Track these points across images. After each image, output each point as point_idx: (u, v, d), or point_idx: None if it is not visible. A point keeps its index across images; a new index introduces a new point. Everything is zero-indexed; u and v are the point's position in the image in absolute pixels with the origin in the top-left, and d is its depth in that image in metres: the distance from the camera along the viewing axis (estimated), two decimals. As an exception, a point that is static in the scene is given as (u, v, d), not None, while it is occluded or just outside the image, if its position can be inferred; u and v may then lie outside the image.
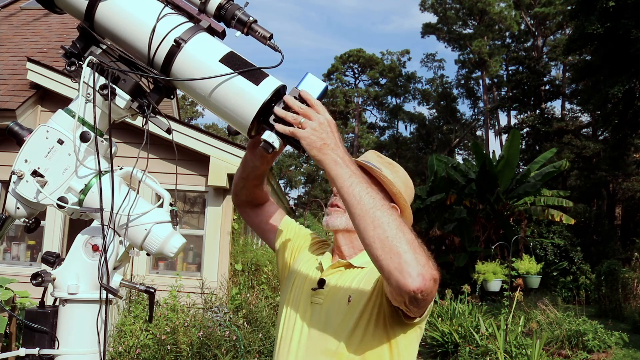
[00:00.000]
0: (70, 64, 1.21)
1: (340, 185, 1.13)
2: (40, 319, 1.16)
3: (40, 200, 1.17)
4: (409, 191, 1.47)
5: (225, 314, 5.63)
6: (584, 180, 24.26)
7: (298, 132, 1.14)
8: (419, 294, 1.05)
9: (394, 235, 1.07)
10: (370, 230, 1.08)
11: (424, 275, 1.04)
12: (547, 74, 29.72)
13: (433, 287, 1.08)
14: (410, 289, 1.04)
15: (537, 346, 5.67)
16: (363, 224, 1.10)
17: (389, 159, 1.51)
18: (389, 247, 1.06)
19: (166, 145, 2.64)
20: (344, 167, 1.13)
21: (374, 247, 1.08)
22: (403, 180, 1.47)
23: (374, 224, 1.08)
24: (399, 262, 1.05)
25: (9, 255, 7.06)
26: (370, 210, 1.09)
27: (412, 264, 1.04)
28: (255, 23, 1.22)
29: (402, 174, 1.48)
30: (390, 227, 1.07)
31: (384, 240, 1.07)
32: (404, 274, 1.04)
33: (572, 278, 15.02)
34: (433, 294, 1.11)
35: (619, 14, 13.48)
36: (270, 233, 1.65)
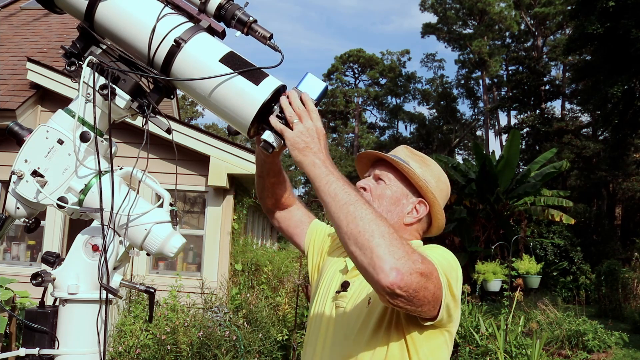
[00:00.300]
0: (70, 64, 1.21)
1: (317, 185, 1.13)
2: (40, 319, 1.16)
3: (40, 200, 1.17)
4: (441, 185, 1.40)
5: (225, 314, 5.63)
6: (584, 180, 24.26)
7: (286, 131, 1.16)
8: (397, 289, 0.99)
9: (366, 229, 1.03)
10: (343, 226, 1.06)
11: (400, 268, 0.99)
12: (547, 74, 29.73)
13: (418, 281, 1.01)
14: (383, 285, 0.99)
15: (537, 346, 5.67)
16: (337, 221, 1.07)
17: (421, 154, 1.45)
18: (362, 241, 1.02)
19: (166, 145, 2.64)
20: (322, 168, 1.13)
21: (348, 243, 1.05)
22: (435, 175, 1.40)
23: (347, 219, 1.05)
24: (371, 256, 1.00)
25: (9, 255, 7.06)
26: (344, 205, 1.07)
27: (385, 258, 0.99)
28: (255, 23, 1.22)
29: (435, 168, 1.42)
30: (363, 221, 1.04)
31: (356, 235, 1.03)
32: (377, 269, 0.99)
33: (572, 278, 15.01)
34: (420, 290, 1.03)
35: (619, 14, 13.47)
36: (299, 237, 1.62)
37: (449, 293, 1.14)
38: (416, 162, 1.40)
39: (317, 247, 1.60)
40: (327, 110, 39.09)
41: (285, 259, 7.89)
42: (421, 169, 1.38)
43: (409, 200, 1.38)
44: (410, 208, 1.37)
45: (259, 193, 1.58)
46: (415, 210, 1.38)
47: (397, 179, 1.38)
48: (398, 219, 1.37)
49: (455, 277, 1.19)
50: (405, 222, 1.37)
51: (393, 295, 1.01)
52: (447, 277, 1.14)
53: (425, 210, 1.38)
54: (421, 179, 1.35)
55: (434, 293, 1.08)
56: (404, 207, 1.37)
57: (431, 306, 1.10)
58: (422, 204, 1.38)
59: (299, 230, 1.62)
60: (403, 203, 1.37)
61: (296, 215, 1.63)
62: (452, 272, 1.18)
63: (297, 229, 1.62)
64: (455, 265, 1.23)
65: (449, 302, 1.14)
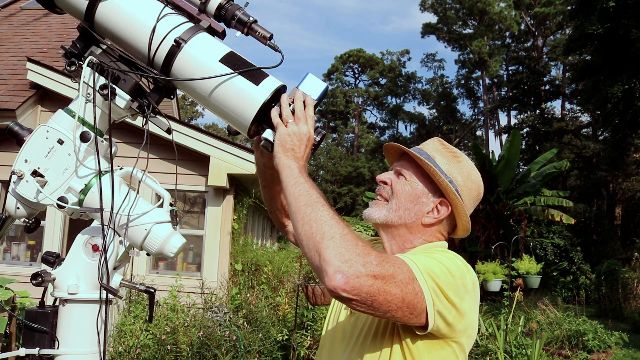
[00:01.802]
0: (70, 64, 1.21)
1: (285, 185, 1.12)
2: (40, 319, 1.16)
3: (40, 200, 1.17)
4: (470, 184, 1.28)
5: (225, 314, 5.63)
6: (584, 180, 24.27)
7: (280, 126, 1.16)
8: (341, 292, 0.95)
9: (318, 231, 1.00)
10: (299, 226, 1.04)
11: (345, 271, 0.94)
12: (547, 74, 29.74)
13: (370, 284, 0.96)
14: (328, 287, 0.96)
15: (537, 346, 5.67)
16: (295, 222, 1.05)
17: (454, 149, 1.32)
18: (313, 243, 1.00)
19: (166, 145, 2.64)
20: (295, 171, 1.13)
21: (302, 244, 1.02)
22: (464, 173, 1.28)
23: (303, 220, 1.03)
24: (319, 259, 0.98)
25: (9, 255, 7.06)
26: (303, 206, 1.05)
27: (330, 261, 0.95)
28: (255, 23, 1.22)
29: (465, 165, 1.29)
30: (317, 223, 1.01)
31: (309, 236, 1.01)
32: (322, 272, 0.97)
33: (572, 278, 15.02)
34: (378, 294, 0.97)
35: (619, 14, 13.48)
36: None
37: (442, 299, 1.08)
38: (444, 158, 1.28)
39: None
40: (327, 110, 39.11)
41: (285, 259, 7.89)
42: (448, 165, 1.27)
43: (429, 199, 1.27)
44: (430, 207, 1.27)
45: (269, 207, 1.55)
46: (436, 210, 1.27)
47: (419, 175, 1.28)
48: (416, 218, 1.27)
49: (453, 284, 1.10)
50: (424, 222, 1.27)
51: (341, 298, 0.97)
52: (435, 282, 1.07)
53: (446, 211, 1.27)
54: (442, 178, 1.24)
55: (403, 298, 1.01)
56: (424, 205, 1.27)
57: (404, 313, 1.03)
58: (443, 204, 1.27)
59: None
60: (423, 202, 1.27)
61: None
62: (446, 278, 1.10)
63: None
64: (457, 272, 1.14)
65: (441, 309, 1.07)
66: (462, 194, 1.27)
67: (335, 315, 1.39)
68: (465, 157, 1.32)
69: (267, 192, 1.50)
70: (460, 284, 1.12)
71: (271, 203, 1.52)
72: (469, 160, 1.32)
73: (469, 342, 1.21)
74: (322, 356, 1.39)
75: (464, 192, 1.27)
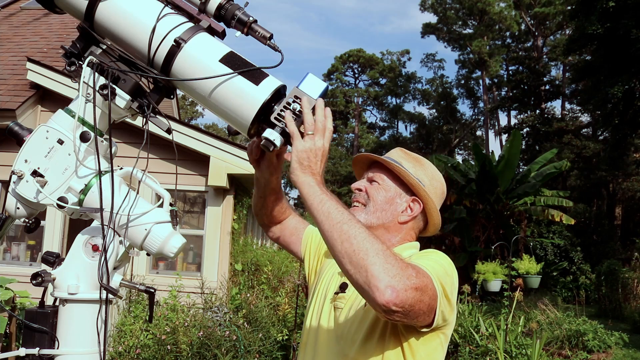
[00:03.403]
0: (70, 64, 1.21)
1: (310, 203, 1.14)
2: (40, 319, 1.16)
3: (40, 200, 1.17)
4: (435, 184, 1.42)
5: (225, 314, 5.63)
6: (584, 180, 24.26)
7: (298, 140, 1.17)
8: (392, 306, 1.00)
9: (361, 248, 1.04)
10: (338, 244, 1.07)
11: (395, 286, 1.00)
12: (547, 74, 29.74)
13: (413, 296, 1.03)
14: (379, 303, 1.00)
15: (537, 346, 5.67)
16: (332, 240, 1.08)
17: (415, 155, 1.47)
18: (356, 260, 1.03)
19: (166, 145, 2.64)
20: (316, 188, 1.15)
21: (343, 262, 1.06)
22: (428, 174, 1.43)
23: (341, 238, 1.07)
24: (366, 275, 1.01)
25: (9, 255, 7.06)
26: (338, 224, 1.08)
27: (380, 277, 1.00)
28: (255, 23, 1.22)
29: (428, 168, 1.44)
30: (357, 240, 1.05)
31: (351, 254, 1.04)
32: (372, 288, 1.01)
33: (572, 278, 15.01)
34: (416, 304, 1.05)
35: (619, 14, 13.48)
36: (295, 245, 1.64)
37: (445, 300, 1.16)
38: (409, 162, 1.42)
39: (313, 251, 1.61)
40: (327, 110, 39.03)
41: (285, 259, 7.89)
42: (414, 168, 1.41)
43: (402, 199, 1.39)
44: (404, 206, 1.39)
45: (256, 210, 1.61)
46: (410, 209, 1.39)
47: (391, 179, 1.41)
48: (392, 218, 1.39)
49: (450, 284, 1.20)
50: (399, 220, 1.39)
51: (390, 312, 1.02)
52: (442, 285, 1.15)
53: (419, 208, 1.39)
54: (412, 177, 1.38)
55: (429, 304, 1.10)
56: (398, 205, 1.39)
57: (426, 316, 1.12)
58: (415, 202, 1.39)
59: (295, 237, 1.64)
60: (397, 202, 1.39)
61: (290, 224, 1.65)
62: (447, 279, 1.19)
63: (292, 237, 1.64)
64: (451, 271, 1.24)
65: (444, 308, 1.16)
66: (430, 193, 1.40)
67: (317, 312, 1.42)
68: (427, 161, 1.46)
69: (260, 202, 1.57)
70: (452, 283, 1.22)
71: (261, 209, 1.59)
72: (430, 163, 1.46)
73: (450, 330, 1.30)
74: (306, 352, 1.41)
75: (431, 190, 1.40)
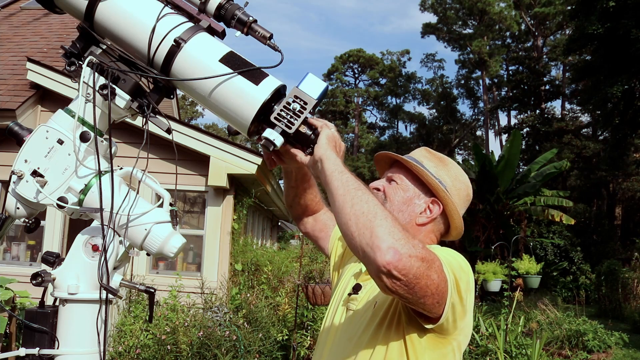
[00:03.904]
0: (70, 64, 1.21)
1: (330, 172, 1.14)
2: (40, 319, 1.16)
3: (40, 200, 1.17)
4: (458, 185, 1.35)
5: (225, 314, 5.63)
6: (584, 180, 24.27)
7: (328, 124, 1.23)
8: (393, 270, 0.95)
9: (370, 211, 1.02)
10: (347, 207, 1.05)
11: (397, 248, 0.96)
12: (547, 74, 29.75)
13: (418, 266, 0.97)
14: (379, 264, 0.96)
15: (537, 346, 5.67)
16: (343, 204, 1.07)
17: (441, 155, 1.41)
18: (363, 222, 1.01)
19: (166, 145, 2.64)
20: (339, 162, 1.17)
21: (349, 224, 1.04)
22: (452, 174, 1.36)
23: (352, 201, 1.05)
24: (370, 236, 0.99)
25: (9, 255, 7.06)
26: (352, 190, 1.08)
27: (384, 237, 0.97)
28: (255, 23, 1.22)
29: (453, 168, 1.38)
30: (369, 204, 1.04)
31: (359, 215, 1.02)
32: (374, 248, 0.97)
33: (572, 278, 15.02)
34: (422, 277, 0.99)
35: (619, 14, 13.48)
36: (323, 241, 1.63)
37: (456, 292, 1.10)
38: (431, 162, 1.36)
39: (339, 250, 1.59)
40: (327, 110, 39.09)
41: (285, 259, 7.89)
42: (436, 168, 1.35)
43: (421, 200, 1.34)
44: (423, 208, 1.34)
45: (289, 202, 1.61)
46: (429, 210, 1.34)
47: (410, 179, 1.36)
48: (410, 219, 1.33)
49: (465, 281, 1.14)
50: (417, 222, 1.33)
51: (391, 277, 0.97)
52: (455, 276, 1.10)
53: (438, 210, 1.33)
54: (431, 177, 1.32)
55: (438, 285, 1.03)
56: (416, 207, 1.34)
57: (435, 300, 1.05)
58: (435, 203, 1.33)
59: (324, 234, 1.63)
60: (415, 203, 1.34)
61: (322, 219, 1.64)
62: (461, 273, 1.14)
63: (322, 233, 1.63)
64: (467, 268, 1.18)
65: (455, 301, 1.10)
66: (452, 194, 1.33)
67: (332, 313, 1.41)
68: (452, 161, 1.40)
69: (292, 192, 1.57)
70: (466, 280, 1.16)
71: (293, 200, 1.59)
72: (455, 164, 1.40)
73: (465, 342, 1.23)
74: (317, 353, 1.40)
75: (453, 192, 1.34)
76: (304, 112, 1.18)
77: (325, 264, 5.93)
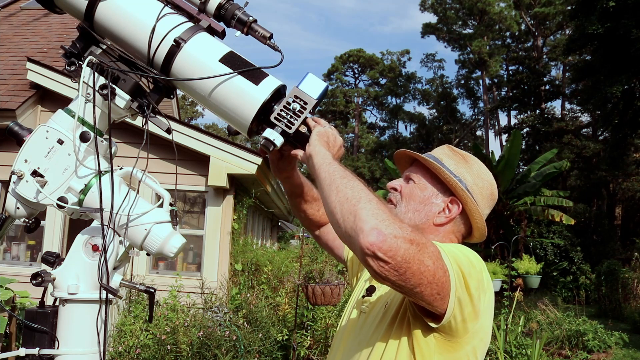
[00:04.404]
0: (70, 64, 1.21)
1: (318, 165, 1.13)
2: (40, 319, 1.16)
3: (40, 200, 1.17)
4: (481, 183, 1.28)
5: (225, 314, 5.62)
6: (584, 180, 24.27)
7: (321, 121, 1.24)
8: (377, 251, 0.90)
9: (355, 196, 1.00)
10: (333, 195, 1.04)
11: (381, 229, 0.92)
12: (547, 74, 29.75)
13: (406, 248, 0.92)
14: (362, 245, 0.92)
15: (537, 346, 5.67)
16: (328, 193, 1.06)
17: (464, 152, 1.34)
18: (347, 207, 0.99)
19: (166, 145, 2.64)
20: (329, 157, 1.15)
21: (335, 212, 1.02)
22: (474, 172, 1.29)
23: (338, 189, 1.04)
24: (354, 219, 0.96)
25: (9, 255, 7.05)
26: (337, 178, 1.06)
27: (367, 219, 0.94)
28: (255, 23, 1.22)
29: (475, 166, 1.31)
30: (354, 190, 1.02)
31: (343, 202, 1.00)
32: (357, 231, 0.94)
33: (572, 278, 15.02)
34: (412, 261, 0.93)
35: (619, 14, 13.48)
36: (338, 250, 1.61)
37: (464, 289, 1.04)
38: (452, 160, 1.30)
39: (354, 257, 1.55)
40: (327, 110, 39.10)
41: (285, 259, 7.89)
42: (456, 165, 1.28)
43: (439, 199, 1.28)
44: (441, 207, 1.27)
45: (297, 214, 1.61)
46: (447, 209, 1.27)
47: (429, 178, 1.30)
48: (427, 219, 1.27)
49: (476, 278, 1.07)
50: (435, 222, 1.27)
51: (376, 259, 0.92)
52: (462, 270, 1.04)
53: (457, 210, 1.27)
54: (449, 175, 1.25)
55: (434, 273, 0.97)
56: (434, 206, 1.27)
57: (434, 291, 0.98)
58: (454, 203, 1.27)
59: (338, 242, 1.60)
60: (433, 202, 1.28)
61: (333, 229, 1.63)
62: (470, 270, 1.07)
63: (335, 241, 1.60)
64: (479, 266, 1.11)
65: (462, 298, 1.03)
66: (474, 193, 1.27)
67: (347, 315, 1.39)
68: (476, 159, 1.33)
69: (294, 201, 1.57)
70: (481, 278, 1.10)
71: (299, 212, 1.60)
72: (479, 161, 1.32)
73: (481, 347, 1.15)
74: (330, 355, 1.39)
75: (475, 190, 1.27)
76: (304, 112, 1.19)
77: (325, 264, 5.92)
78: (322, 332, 5.59)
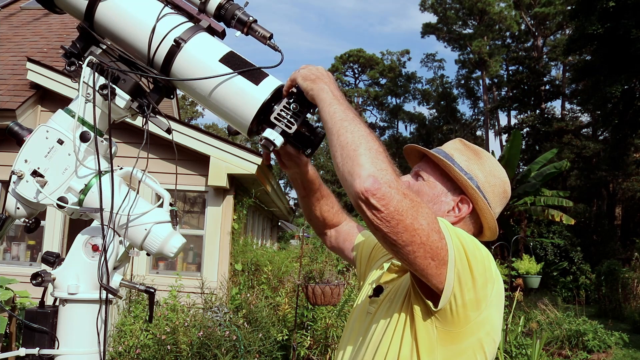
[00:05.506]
0: (70, 64, 1.21)
1: (320, 106, 1.12)
2: (40, 319, 1.16)
3: (40, 200, 1.17)
4: (493, 181, 1.23)
5: (225, 314, 5.62)
6: (584, 180, 24.27)
7: (296, 72, 1.18)
8: (371, 197, 0.92)
9: (355, 141, 1.00)
10: (334, 139, 1.04)
11: (377, 176, 0.93)
12: (547, 74, 29.75)
13: (399, 199, 0.93)
14: (357, 190, 0.93)
15: (537, 346, 5.67)
16: (330, 135, 1.06)
17: (477, 148, 1.29)
18: (347, 151, 1.00)
19: (166, 145, 2.64)
20: (329, 93, 1.13)
21: (336, 155, 1.02)
22: (487, 170, 1.24)
23: (339, 132, 1.04)
24: (352, 164, 0.97)
25: (9, 255, 7.06)
26: (340, 121, 1.06)
27: (365, 165, 0.95)
28: (255, 23, 1.22)
29: (488, 162, 1.25)
30: (354, 135, 1.02)
31: (344, 146, 1.01)
32: (354, 176, 0.96)
33: (572, 278, 15.02)
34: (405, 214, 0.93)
35: (619, 14, 13.49)
36: (348, 251, 1.58)
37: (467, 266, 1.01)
38: (463, 156, 1.25)
39: (364, 257, 1.53)
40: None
41: (285, 259, 7.88)
42: (468, 162, 1.23)
43: (448, 198, 1.23)
44: (451, 206, 1.23)
45: (307, 216, 1.58)
46: (457, 208, 1.23)
47: (437, 175, 1.25)
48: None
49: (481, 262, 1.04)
50: None
51: (369, 205, 0.93)
52: (464, 248, 1.02)
53: (468, 209, 1.22)
54: (459, 173, 1.20)
55: (429, 235, 0.96)
56: (443, 205, 1.23)
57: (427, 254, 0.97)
58: (464, 202, 1.22)
59: (348, 243, 1.58)
60: (442, 201, 1.23)
61: (344, 229, 1.60)
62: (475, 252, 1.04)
63: (345, 243, 1.59)
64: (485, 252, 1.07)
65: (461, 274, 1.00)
66: (485, 191, 1.22)
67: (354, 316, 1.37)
68: (489, 155, 1.28)
69: (305, 202, 1.53)
70: (488, 265, 1.06)
71: (310, 213, 1.55)
72: (492, 157, 1.28)
73: (489, 343, 1.11)
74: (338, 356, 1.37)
75: (487, 188, 1.23)
76: (304, 112, 1.19)
77: (325, 264, 5.92)
78: (322, 332, 5.59)
